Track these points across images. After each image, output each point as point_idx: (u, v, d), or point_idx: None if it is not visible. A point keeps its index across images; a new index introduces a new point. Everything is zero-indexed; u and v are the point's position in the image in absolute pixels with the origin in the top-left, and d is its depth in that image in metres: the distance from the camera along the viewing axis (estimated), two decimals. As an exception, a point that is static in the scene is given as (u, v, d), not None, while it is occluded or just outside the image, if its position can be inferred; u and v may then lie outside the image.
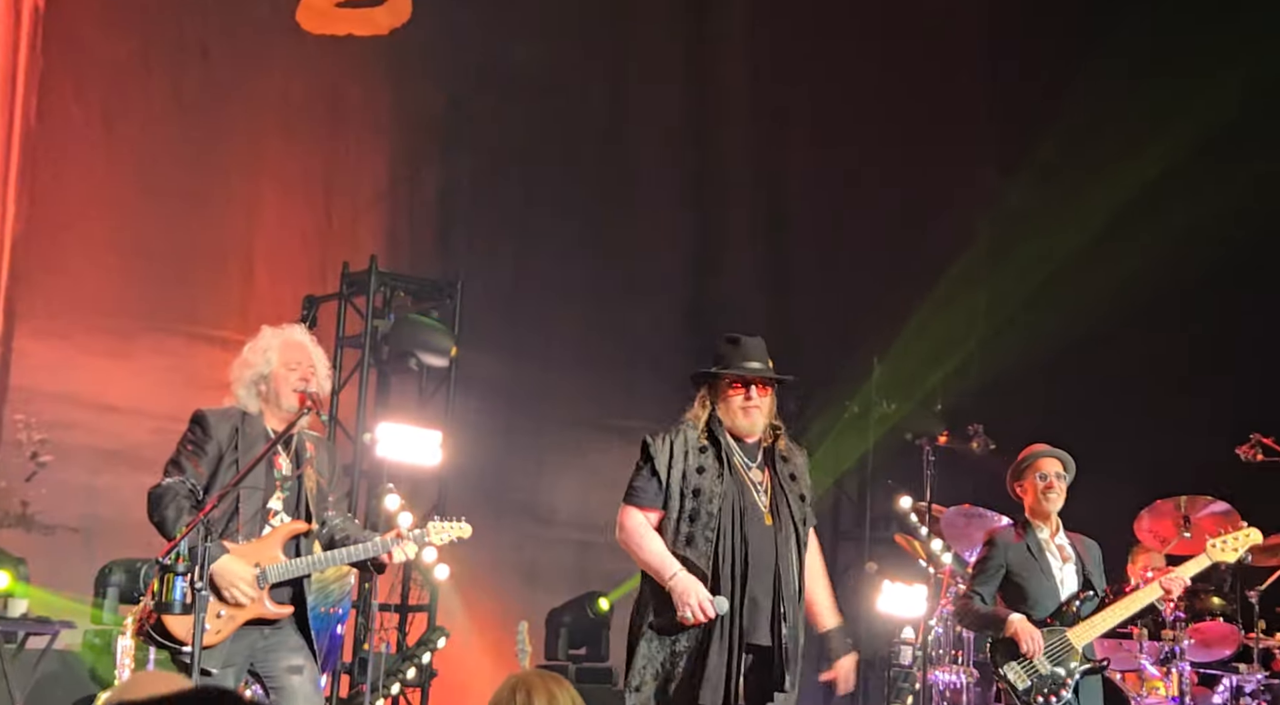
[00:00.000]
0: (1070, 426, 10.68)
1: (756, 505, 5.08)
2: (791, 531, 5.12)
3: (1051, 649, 6.08)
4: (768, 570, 5.02)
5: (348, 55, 10.34)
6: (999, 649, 6.15)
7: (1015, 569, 6.27)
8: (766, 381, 5.16)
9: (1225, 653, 8.49)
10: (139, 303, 9.42)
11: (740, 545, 4.99)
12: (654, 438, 5.16)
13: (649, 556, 5.02)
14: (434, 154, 10.94)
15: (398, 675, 9.06)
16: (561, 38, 11.22)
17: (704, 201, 12.16)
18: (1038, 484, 6.36)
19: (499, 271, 11.07)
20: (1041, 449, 6.51)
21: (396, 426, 9.31)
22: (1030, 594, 6.22)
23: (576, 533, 11.11)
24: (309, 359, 5.41)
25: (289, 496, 5.29)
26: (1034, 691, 6.04)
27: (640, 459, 5.16)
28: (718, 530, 4.98)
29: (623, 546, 5.15)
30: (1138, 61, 11.09)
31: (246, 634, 5.14)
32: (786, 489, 5.17)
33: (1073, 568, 6.33)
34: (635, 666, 4.99)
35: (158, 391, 9.01)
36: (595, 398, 11.49)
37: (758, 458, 5.17)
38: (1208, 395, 10.39)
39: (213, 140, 9.77)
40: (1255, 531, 6.48)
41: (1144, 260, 10.91)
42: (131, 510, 5.30)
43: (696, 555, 4.99)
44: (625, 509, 5.14)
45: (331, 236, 10.28)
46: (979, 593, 6.30)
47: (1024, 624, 6.08)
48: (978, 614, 6.28)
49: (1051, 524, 6.38)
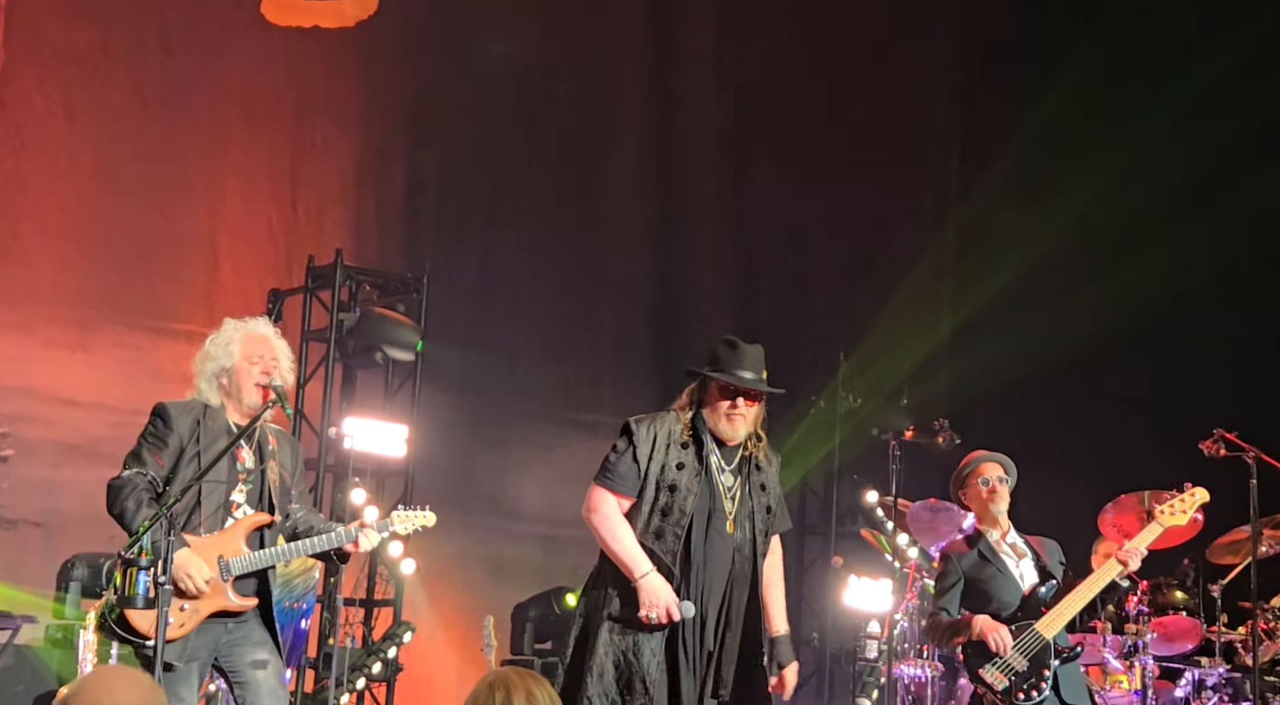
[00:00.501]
0: (1035, 423, 10.80)
1: (723, 512, 5.06)
2: (749, 543, 5.11)
3: (1023, 644, 6.07)
4: (722, 577, 5.02)
5: (314, 47, 10.28)
6: (972, 653, 6.13)
7: (973, 575, 6.26)
8: (756, 394, 5.12)
9: (1188, 647, 8.55)
10: (100, 295, 9.34)
11: (703, 548, 4.99)
12: (638, 424, 5.11)
13: (620, 550, 5.00)
14: (401, 148, 10.90)
15: (363, 670, 9.03)
16: (529, 32, 11.20)
17: (670, 197, 12.16)
18: (981, 489, 6.35)
19: (466, 266, 11.04)
20: (981, 454, 6.52)
21: (362, 421, 9.28)
22: (993, 595, 6.21)
23: (543, 527, 11.10)
24: (271, 352, 5.38)
25: (252, 489, 5.26)
26: (1014, 689, 6.01)
27: (621, 441, 5.10)
28: (687, 529, 4.96)
29: (590, 527, 5.10)
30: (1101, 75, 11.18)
31: (210, 628, 5.11)
32: (754, 498, 5.15)
33: (1029, 562, 6.32)
34: (596, 652, 4.93)
35: (119, 385, 8.94)
36: (562, 392, 11.48)
37: (733, 462, 5.14)
38: (1172, 390, 10.45)
39: (176, 132, 9.69)
40: (1201, 490, 6.46)
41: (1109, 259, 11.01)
42: (93, 504, 5.26)
43: (663, 550, 4.97)
44: (598, 490, 5.09)
45: (297, 230, 10.22)
46: (944, 610, 6.28)
47: (987, 622, 6.07)
48: (945, 625, 6.26)
49: (1001, 525, 6.36)
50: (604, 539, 5.05)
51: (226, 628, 5.16)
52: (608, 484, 5.08)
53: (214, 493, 5.14)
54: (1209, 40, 10.70)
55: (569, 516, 11.29)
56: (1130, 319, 10.88)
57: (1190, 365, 10.45)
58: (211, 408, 5.27)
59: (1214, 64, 10.47)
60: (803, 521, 11.75)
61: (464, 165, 11.01)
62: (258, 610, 5.24)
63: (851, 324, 11.73)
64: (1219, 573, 8.69)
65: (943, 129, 13.02)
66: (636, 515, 5.04)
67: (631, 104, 12.01)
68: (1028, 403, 10.92)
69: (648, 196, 12.07)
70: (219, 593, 5.09)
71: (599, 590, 5.07)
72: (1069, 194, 11.25)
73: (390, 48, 10.62)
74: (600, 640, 4.95)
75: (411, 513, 5.60)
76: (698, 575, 4.96)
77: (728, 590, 5.01)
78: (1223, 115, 10.56)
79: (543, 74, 11.33)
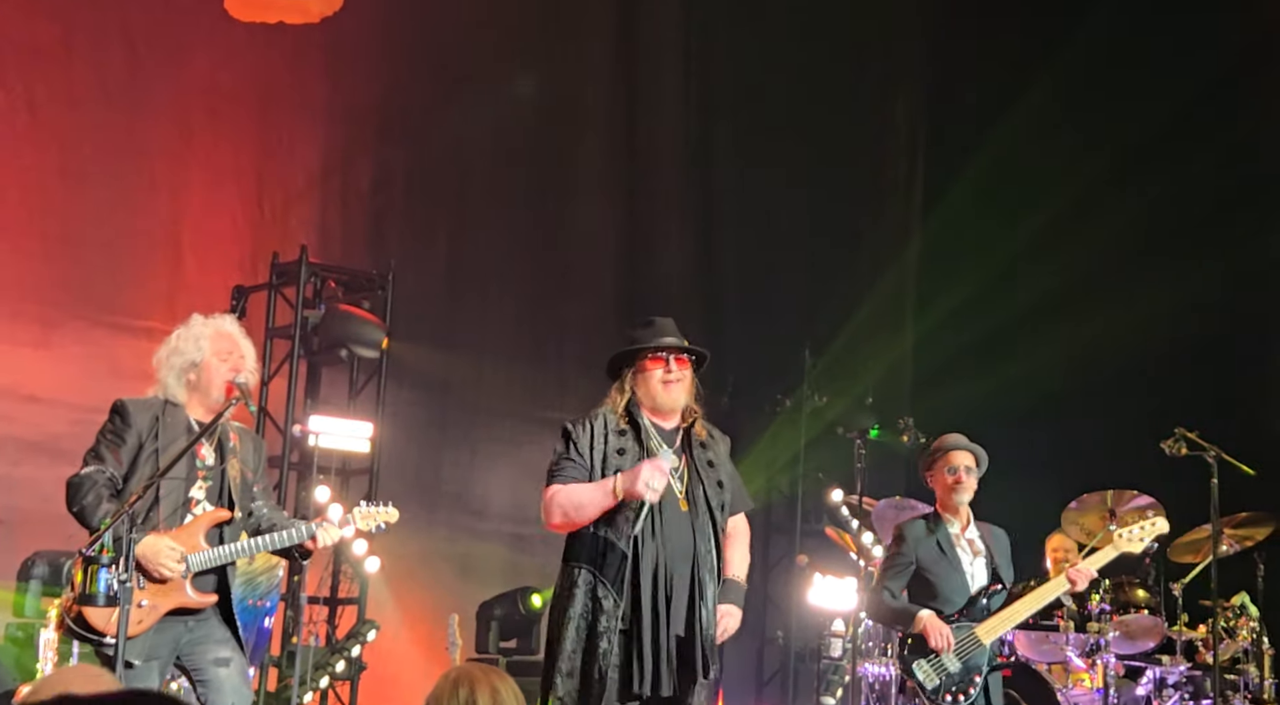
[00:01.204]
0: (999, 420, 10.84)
1: (672, 490, 5.04)
2: (708, 518, 5.08)
3: (960, 646, 6.07)
4: (685, 558, 4.99)
5: (279, 43, 10.23)
6: (910, 645, 6.13)
7: (925, 564, 6.26)
8: (684, 354, 5.16)
9: (1149, 645, 8.60)
10: (61, 291, 9.27)
11: (660, 530, 4.96)
12: (574, 424, 5.15)
13: (582, 497, 4.98)
14: (367, 145, 10.85)
15: (326, 668, 9.00)
16: (495, 30, 11.17)
17: (636, 197, 12.16)
18: (946, 477, 6.33)
19: (432, 263, 11.01)
20: (953, 440, 6.46)
21: (327, 419, 9.25)
22: (940, 590, 6.22)
23: (510, 525, 11.09)
24: (240, 350, 5.37)
25: (211, 486, 5.24)
26: (942, 690, 6.03)
27: (560, 443, 5.12)
28: (638, 512, 4.93)
29: (556, 520, 5.06)
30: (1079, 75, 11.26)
31: (171, 626, 5.09)
32: (703, 475, 5.13)
33: (983, 562, 6.33)
34: (564, 652, 4.94)
35: (80, 382, 8.87)
36: (528, 390, 11.46)
37: (675, 442, 5.13)
38: (1133, 389, 10.52)
39: (139, 127, 9.62)
40: (1161, 521, 6.52)
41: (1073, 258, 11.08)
42: (53, 502, 5.23)
43: (616, 535, 4.96)
44: (548, 489, 5.07)
45: (262, 226, 10.16)
46: (889, 588, 6.27)
47: (933, 620, 6.07)
48: (889, 609, 6.27)
49: (962, 517, 6.37)
50: (568, 511, 5.00)
51: (187, 626, 5.14)
52: (557, 480, 5.08)
53: (173, 489, 5.12)
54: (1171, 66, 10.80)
55: (536, 515, 11.25)
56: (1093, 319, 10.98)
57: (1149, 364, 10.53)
58: (171, 404, 5.25)
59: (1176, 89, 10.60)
60: (768, 520, 11.77)
61: (430, 163, 10.98)
62: (218, 607, 5.22)
63: (818, 323, 11.76)
64: (1180, 572, 8.75)
65: (908, 128, 13.06)
66: None
67: (597, 103, 12.00)
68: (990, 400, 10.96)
69: (614, 195, 12.07)
70: (177, 589, 5.06)
71: (560, 598, 5.07)
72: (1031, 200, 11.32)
73: (355, 44, 10.58)
74: (567, 638, 4.95)
75: (374, 508, 5.58)
76: (658, 557, 4.93)
77: (694, 571, 4.98)
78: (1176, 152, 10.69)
79: (509, 72, 11.31)
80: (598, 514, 4.97)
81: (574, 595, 4.98)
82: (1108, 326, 10.80)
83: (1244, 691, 8.45)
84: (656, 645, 4.89)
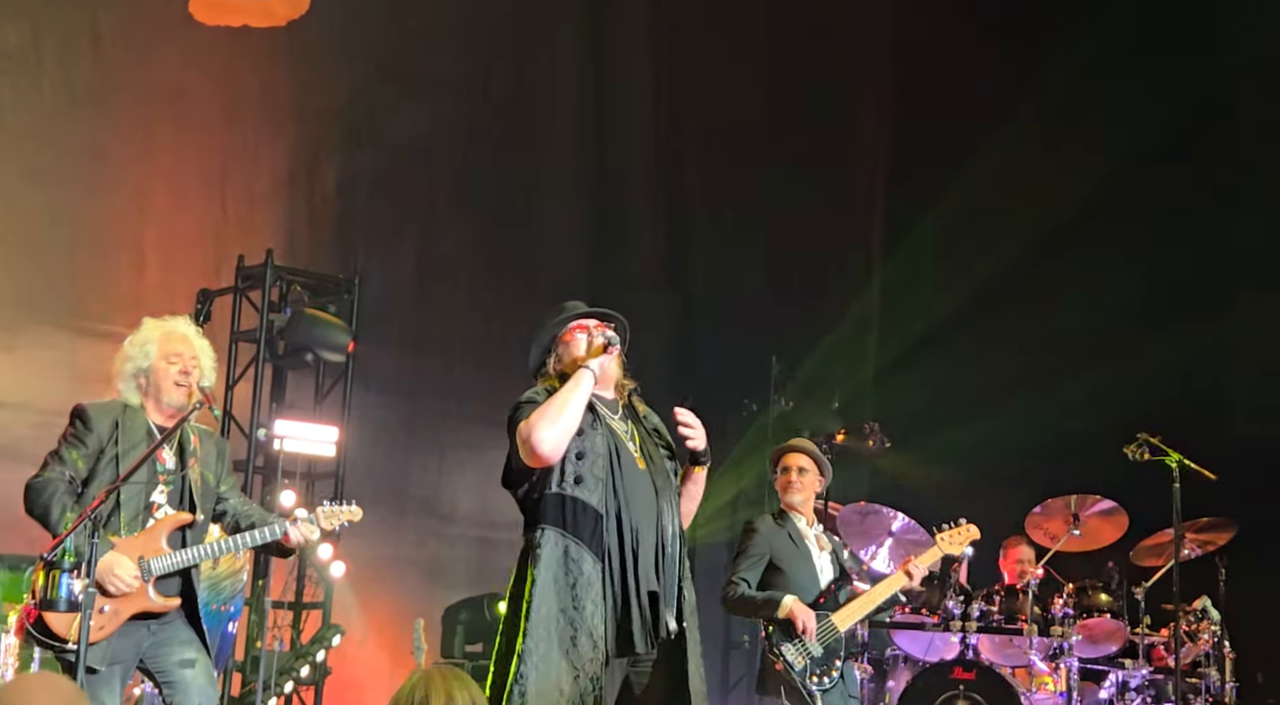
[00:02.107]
0: (963, 424, 10.92)
1: (628, 450, 4.93)
2: (667, 476, 4.99)
3: (821, 632, 6.26)
4: (650, 513, 4.86)
5: (244, 46, 10.20)
6: (776, 631, 6.28)
7: (779, 556, 6.43)
8: (603, 319, 5.06)
9: (1112, 648, 8.66)
10: (24, 294, 9.21)
11: (623, 486, 4.83)
12: (523, 402, 4.91)
13: (558, 397, 4.79)
14: (333, 147, 10.82)
15: (291, 673, 8.96)
16: (462, 33, 11.16)
17: (604, 200, 12.17)
18: (780, 477, 6.59)
19: (399, 267, 10.99)
20: (791, 443, 6.72)
21: (292, 423, 9.22)
22: (793, 581, 6.37)
23: (477, 529, 11.07)
24: (190, 351, 5.33)
25: (173, 490, 5.22)
26: (809, 671, 6.21)
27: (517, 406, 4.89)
28: (607, 470, 4.81)
29: (544, 434, 4.72)
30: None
31: (133, 631, 5.06)
32: (653, 439, 5.05)
33: (829, 556, 6.54)
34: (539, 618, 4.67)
35: (43, 386, 8.81)
36: (496, 394, 11.36)
37: (619, 411, 5.03)
38: (1096, 392, 10.59)
39: (104, 130, 9.57)
40: (974, 527, 6.70)
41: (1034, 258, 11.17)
42: (15, 506, 5.19)
43: (587, 493, 4.77)
44: (524, 423, 4.77)
45: (227, 229, 10.12)
46: (744, 579, 6.41)
47: (799, 605, 6.23)
48: (750, 600, 6.37)
49: (807, 514, 6.57)
50: (554, 418, 4.74)
51: (150, 630, 5.11)
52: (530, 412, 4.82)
53: (134, 494, 5.10)
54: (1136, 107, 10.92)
55: (503, 519, 11.29)
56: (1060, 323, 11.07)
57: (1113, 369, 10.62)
58: (131, 408, 5.23)
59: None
60: (733, 524, 11.78)
61: (397, 166, 10.96)
62: (182, 610, 5.20)
63: (785, 327, 11.79)
64: (1143, 575, 8.82)
65: (873, 130, 13.11)
66: (547, 473, 4.81)
67: (566, 106, 12.00)
68: (955, 401, 11.03)
69: (582, 199, 12.08)
70: (140, 594, 5.04)
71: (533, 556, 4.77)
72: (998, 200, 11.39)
73: (321, 48, 10.55)
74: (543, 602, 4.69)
75: (337, 508, 5.56)
76: (621, 515, 4.80)
77: (658, 524, 4.86)
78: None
79: (476, 75, 11.31)
80: (582, 406, 4.81)
81: (544, 559, 4.74)
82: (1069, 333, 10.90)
83: (1205, 695, 8.52)
84: (628, 604, 4.74)
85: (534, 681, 4.61)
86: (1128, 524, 8.87)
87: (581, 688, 4.64)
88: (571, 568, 4.73)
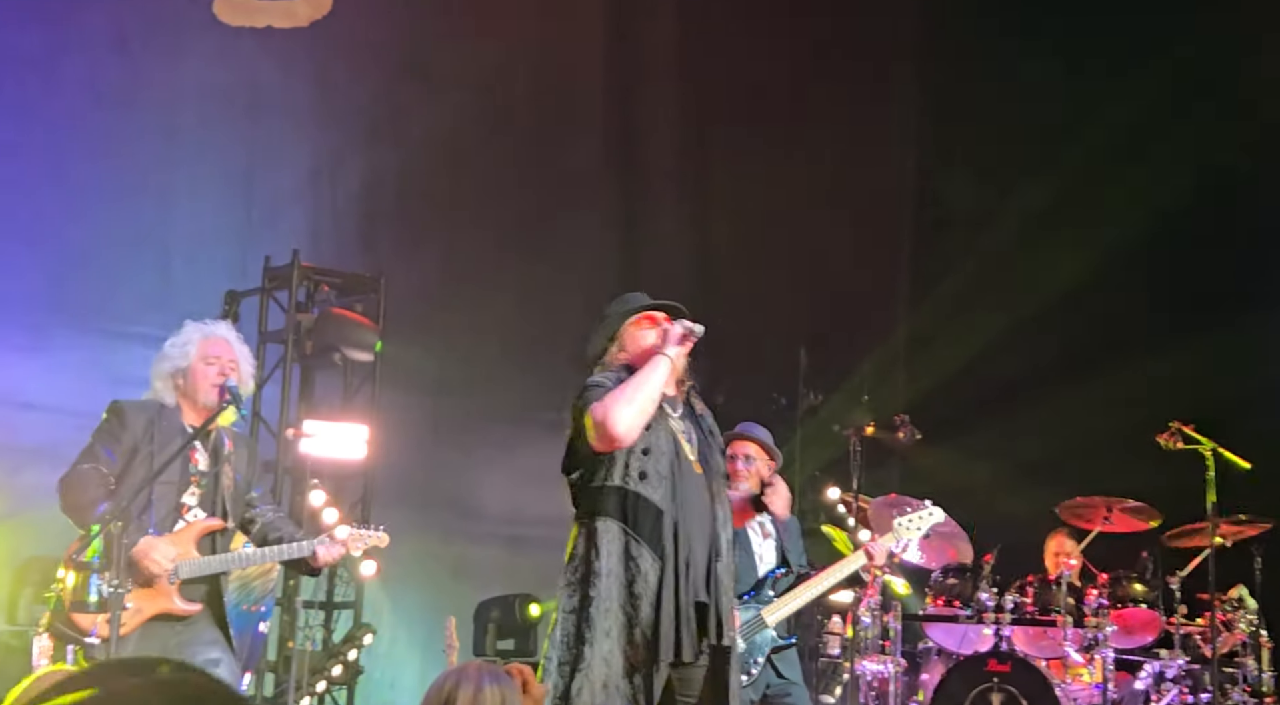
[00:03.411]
0: (996, 418, 10.84)
1: (685, 451, 4.87)
2: (722, 481, 4.95)
3: (746, 626, 6.15)
4: (704, 520, 4.80)
5: (268, 47, 10.21)
6: None
7: None
8: (672, 313, 5.00)
9: (1147, 639, 8.59)
10: (53, 296, 9.24)
11: (680, 487, 4.77)
12: (590, 382, 4.87)
13: (638, 380, 4.72)
14: (358, 147, 10.83)
15: (323, 673, 8.97)
16: (485, 30, 11.15)
17: (632, 195, 12.14)
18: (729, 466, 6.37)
19: (424, 265, 10.97)
20: (740, 427, 6.57)
21: (321, 423, 9.22)
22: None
23: (505, 528, 11.06)
24: (230, 354, 5.36)
25: (205, 493, 5.23)
26: None
27: (585, 389, 4.84)
28: (670, 469, 4.75)
29: (621, 414, 4.64)
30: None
31: (157, 631, 5.07)
32: (711, 441, 5.00)
33: (772, 544, 6.48)
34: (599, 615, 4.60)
35: (74, 388, 8.82)
36: (522, 392, 11.42)
37: (679, 409, 4.98)
38: (1128, 383, 10.50)
39: (129, 132, 9.60)
40: (939, 510, 6.68)
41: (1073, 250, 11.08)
42: (47, 508, 5.21)
43: (650, 490, 4.70)
44: (595, 406, 4.69)
45: (252, 229, 10.14)
46: None
47: None
48: None
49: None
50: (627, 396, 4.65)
51: (174, 630, 5.13)
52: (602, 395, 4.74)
53: (165, 494, 5.11)
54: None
55: (531, 516, 11.34)
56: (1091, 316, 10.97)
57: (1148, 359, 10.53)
58: (167, 408, 5.24)
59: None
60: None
61: (422, 164, 10.94)
62: (210, 611, 5.20)
63: (813, 320, 11.73)
64: (1178, 565, 8.74)
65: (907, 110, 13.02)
66: (611, 464, 4.74)
67: (592, 101, 11.97)
68: (987, 396, 10.95)
69: (609, 194, 12.05)
70: (164, 595, 5.05)
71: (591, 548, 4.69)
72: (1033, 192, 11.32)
73: (344, 48, 10.56)
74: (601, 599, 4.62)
75: (364, 532, 5.54)
76: (677, 518, 4.72)
77: (712, 531, 4.81)
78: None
79: (501, 71, 11.28)
80: (659, 391, 4.76)
81: (605, 552, 4.65)
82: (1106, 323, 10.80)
83: (1243, 684, 8.45)
84: (678, 611, 4.67)
85: (598, 671, 4.57)
86: (1161, 519, 8.80)
87: (635, 685, 4.61)
88: (630, 565, 4.67)
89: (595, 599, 4.62)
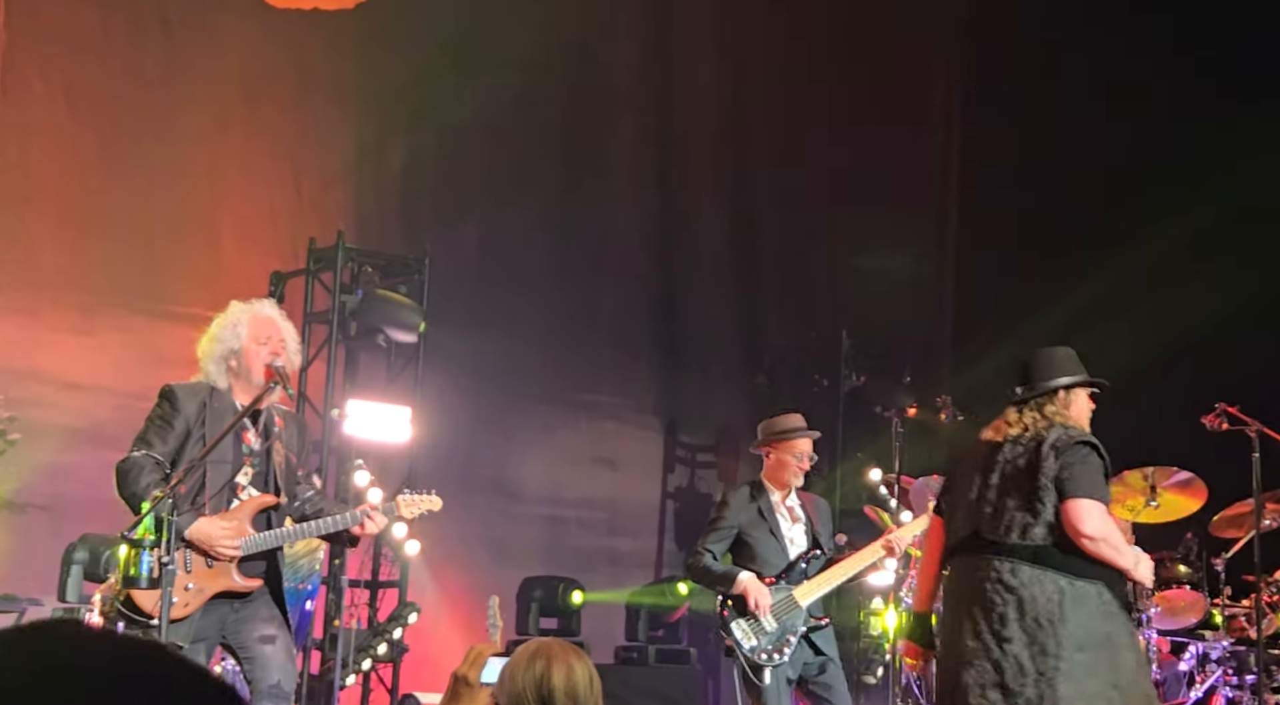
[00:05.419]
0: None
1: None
2: None
3: (778, 606, 6.28)
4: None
5: (314, 28, 10.26)
6: (731, 606, 6.33)
7: (746, 529, 6.50)
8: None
9: (1191, 620, 8.56)
10: (102, 278, 9.32)
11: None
12: None
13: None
14: (399, 128, 10.87)
15: (369, 651, 9.04)
16: (526, 13, 11.16)
17: (669, 177, 12.14)
18: (791, 461, 6.59)
19: (465, 247, 11.02)
20: (802, 426, 6.73)
21: (365, 403, 9.28)
22: (759, 553, 6.45)
23: (546, 508, 11.11)
24: (279, 333, 5.39)
25: (257, 471, 5.27)
26: (758, 650, 6.23)
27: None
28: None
29: (1097, 547, 4.75)
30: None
31: (216, 608, 5.13)
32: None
33: (802, 528, 6.60)
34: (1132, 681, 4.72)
35: (121, 369, 8.92)
36: (562, 373, 11.47)
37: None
38: (1172, 365, 10.44)
39: (176, 114, 9.66)
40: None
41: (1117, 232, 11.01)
42: (98, 488, 5.28)
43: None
44: (1094, 505, 4.82)
45: (299, 211, 10.19)
46: (710, 550, 6.50)
47: (753, 582, 6.29)
48: (710, 571, 6.46)
49: (785, 488, 6.64)
50: (1109, 556, 4.77)
51: (233, 607, 5.18)
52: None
53: (218, 472, 5.15)
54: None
55: (571, 497, 11.41)
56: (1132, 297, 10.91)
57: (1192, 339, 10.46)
58: (218, 390, 5.28)
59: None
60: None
61: (462, 146, 10.98)
62: (267, 588, 5.26)
63: (854, 302, 11.72)
64: (1222, 546, 8.69)
65: (942, 102, 12.99)
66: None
67: (630, 85, 11.98)
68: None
69: (647, 177, 12.06)
70: (224, 573, 5.10)
71: (1105, 612, 4.75)
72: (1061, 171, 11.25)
73: (388, 30, 10.59)
74: (1129, 665, 4.72)
75: (417, 497, 5.60)
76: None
77: None
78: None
79: (541, 55, 11.29)
80: None
81: (1120, 618, 4.80)
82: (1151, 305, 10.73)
83: (1288, 666, 8.41)
84: None
85: None
86: (1206, 496, 8.73)
87: None
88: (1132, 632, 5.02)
89: (1125, 671, 4.74)
